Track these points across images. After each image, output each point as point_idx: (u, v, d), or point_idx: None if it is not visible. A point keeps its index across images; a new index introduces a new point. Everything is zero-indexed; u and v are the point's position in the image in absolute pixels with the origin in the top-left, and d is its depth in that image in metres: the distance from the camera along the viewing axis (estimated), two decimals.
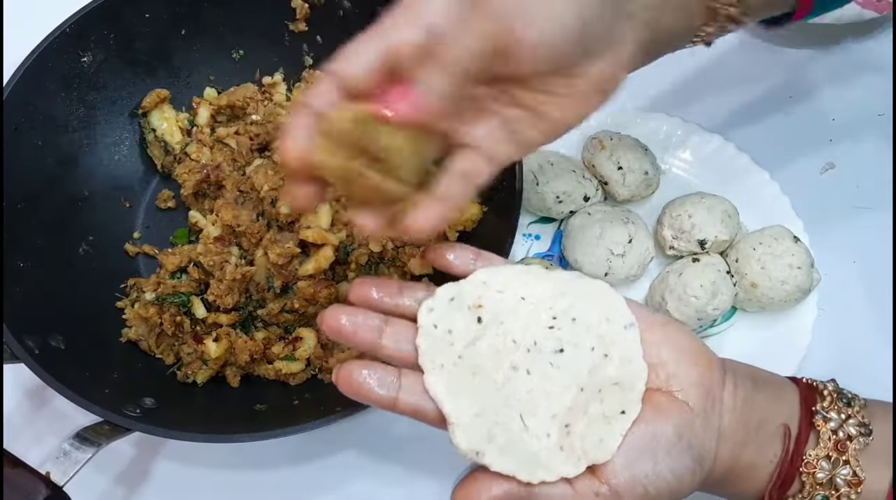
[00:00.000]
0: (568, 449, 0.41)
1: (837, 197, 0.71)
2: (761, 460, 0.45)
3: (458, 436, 0.41)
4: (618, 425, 0.42)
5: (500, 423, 0.42)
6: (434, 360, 0.42)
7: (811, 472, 0.44)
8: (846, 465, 0.44)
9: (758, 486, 0.45)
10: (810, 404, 0.45)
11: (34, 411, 0.64)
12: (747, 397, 0.45)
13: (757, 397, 0.45)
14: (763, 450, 0.45)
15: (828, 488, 0.44)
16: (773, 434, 0.45)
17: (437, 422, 0.42)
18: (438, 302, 0.44)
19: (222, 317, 0.64)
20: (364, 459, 0.63)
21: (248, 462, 0.63)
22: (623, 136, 0.68)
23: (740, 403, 0.45)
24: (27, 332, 0.56)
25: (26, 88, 0.62)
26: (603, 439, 0.41)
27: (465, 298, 0.44)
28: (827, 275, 0.66)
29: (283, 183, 0.64)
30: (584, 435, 0.42)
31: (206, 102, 0.72)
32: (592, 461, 0.41)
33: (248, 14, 0.71)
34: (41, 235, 0.63)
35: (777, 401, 0.46)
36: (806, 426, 0.45)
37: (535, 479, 0.41)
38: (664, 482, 0.41)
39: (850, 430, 0.44)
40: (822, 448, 0.44)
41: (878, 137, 0.74)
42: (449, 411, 0.41)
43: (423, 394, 0.42)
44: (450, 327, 0.43)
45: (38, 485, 0.49)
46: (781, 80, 0.76)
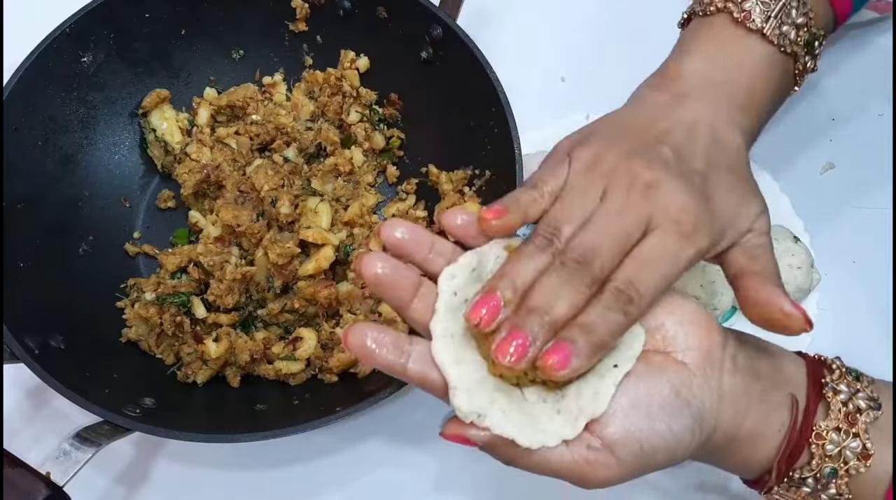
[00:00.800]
0: (565, 411, 0.41)
1: (837, 197, 0.71)
2: (767, 428, 0.44)
3: (460, 398, 0.40)
4: (609, 377, 0.41)
5: (501, 389, 0.41)
6: (446, 328, 0.42)
7: (821, 443, 0.43)
8: (856, 438, 0.43)
9: (764, 456, 0.44)
10: (819, 376, 0.45)
11: (34, 411, 0.64)
12: (750, 364, 0.44)
13: (760, 364, 0.45)
14: (769, 418, 0.44)
15: (837, 460, 0.43)
16: (779, 404, 0.44)
17: (443, 392, 0.41)
18: (461, 270, 0.43)
19: (222, 317, 0.64)
20: (364, 459, 0.63)
21: (248, 462, 0.63)
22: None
23: (742, 368, 0.44)
24: (27, 332, 0.56)
25: (26, 88, 0.62)
26: (597, 391, 0.41)
27: (484, 270, 0.44)
28: (827, 275, 0.66)
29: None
30: (579, 393, 0.41)
31: (206, 102, 0.72)
32: (589, 416, 0.41)
33: (248, 14, 0.71)
34: (41, 235, 0.63)
35: (782, 370, 0.45)
36: (815, 397, 0.44)
37: (536, 444, 0.40)
38: (660, 438, 0.40)
39: (859, 403, 0.44)
40: (833, 420, 0.43)
41: (878, 137, 0.74)
42: (452, 376, 0.41)
43: (431, 362, 0.41)
44: (467, 297, 0.43)
45: (38, 485, 0.49)
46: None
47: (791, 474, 0.44)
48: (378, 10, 0.68)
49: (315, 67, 0.73)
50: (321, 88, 0.71)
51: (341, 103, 0.71)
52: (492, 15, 0.77)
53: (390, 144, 0.72)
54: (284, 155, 0.70)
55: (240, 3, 0.70)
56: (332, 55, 0.72)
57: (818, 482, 0.43)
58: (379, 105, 0.72)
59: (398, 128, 0.72)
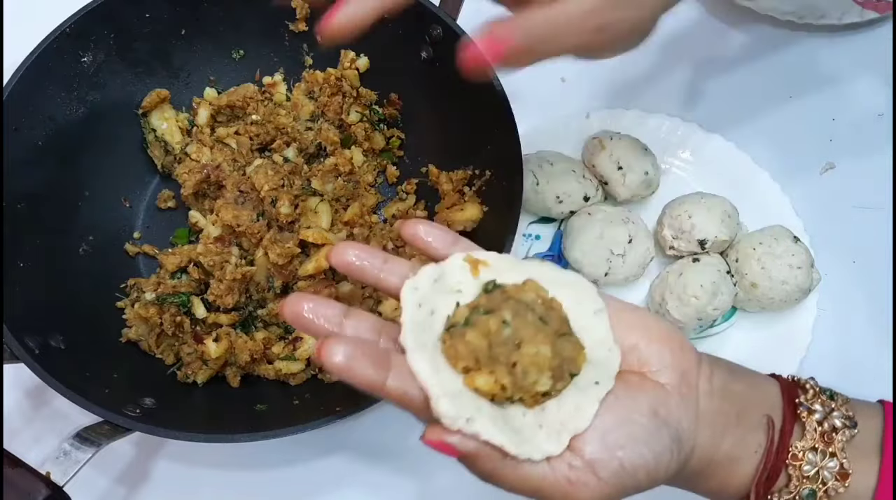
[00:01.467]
0: (547, 426, 0.41)
1: (837, 197, 0.71)
2: (744, 451, 0.43)
3: (444, 404, 0.39)
4: (592, 392, 0.41)
5: (482, 400, 0.41)
6: (417, 338, 0.41)
7: (798, 464, 0.43)
8: (833, 457, 0.43)
9: (740, 480, 0.44)
10: (793, 396, 0.45)
11: (34, 411, 0.64)
12: (725, 385, 0.44)
13: (735, 385, 0.44)
14: (745, 441, 0.44)
15: (815, 481, 0.43)
16: (755, 426, 0.44)
17: (421, 408, 0.40)
18: (422, 281, 0.43)
19: (222, 317, 0.64)
20: (364, 459, 0.63)
21: (248, 462, 0.63)
22: (623, 136, 0.68)
23: (718, 389, 0.44)
24: (27, 332, 0.56)
25: (26, 88, 0.62)
26: (579, 406, 0.41)
27: (447, 280, 0.43)
28: (827, 275, 0.66)
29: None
30: (560, 408, 0.41)
31: (206, 102, 0.72)
32: (573, 432, 0.40)
33: (248, 14, 0.71)
34: (41, 235, 0.63)
35: (757, 392, 0.45)
36: (790, 417, 0.44)
37: (524, 454, 0.39)
38: (640, 458, 0.40)
39: (835, 422, 0.43)
40: (808, 440, 0.43)
41: (878, 137, 0.74)
42: (433, 385, 0.39)
43: (410, 377, 0.39)
44: (433, 308, 0.42)
45: (38, 485, 0.49)
46: (781, 80, 0.76)
47: (769, 497, 0.43)
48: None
49: (315, 67, 0.73)
50: (321, 88, 0.71)
51: (341, 103, 0.71)
52: (492, 15, 0.77)
53: (390, 144, 0.72)
54: (284, 155, 0.70)
55: (240, 3, 0.70)
56: (332, 55, 0.72)
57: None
58: (379, 105, 0.72)
59: (398, 128, 0.72)
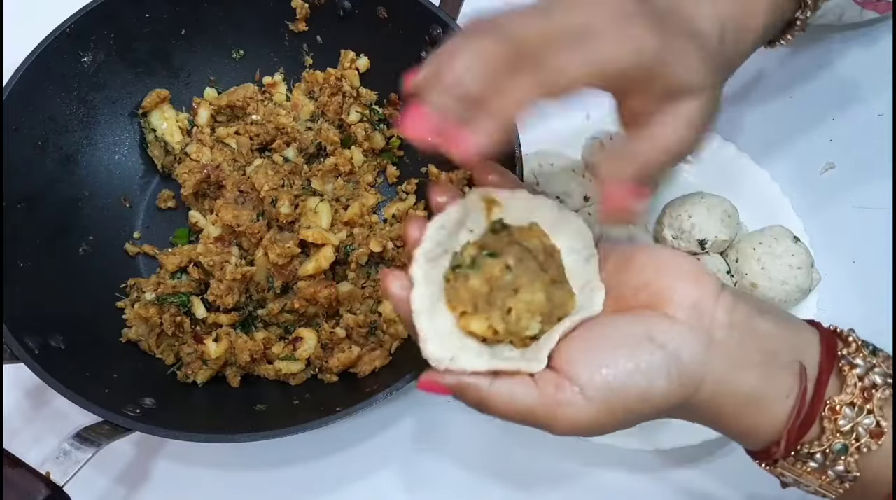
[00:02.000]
0: (529, 353, 0.42)
1: (837, 197, 0.71)
2: (772, 391, 0.42)
3: (431, 346, 0.41)
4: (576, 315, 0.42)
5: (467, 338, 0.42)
6: (427, 274, 0.43)
7: (834, 417, 0.41)
8: (870, 414, 0.41)
9: (770, 424, 0.42)
10: (833, 347, 0.43)
11: (34, 411, 0.64)
12: (749, 321, 0.43)
13: (762, 323, 0.43)
14: (773, 381, 0.42)
15: (848, 436, 0.41)
16: (785, 368, 0.42)
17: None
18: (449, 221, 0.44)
19: (222, 317, 0.64)
20: (364, 459, 0.63)
21: (248, 462, 0.63)
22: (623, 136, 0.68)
23: (739, 323, 0.42)
24: (27, 332, 0.56)
25: (26, 87, 0.62)
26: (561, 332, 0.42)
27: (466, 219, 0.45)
28: (827, 275, 0.66)
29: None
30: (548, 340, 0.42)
31: (206, 102, 0.72)
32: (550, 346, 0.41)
33: (248, 14, 0.71)
34: (41, 235, 0.63)
35: (789, 334, 0.44)
36: (827, 367, 0.42)
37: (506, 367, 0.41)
38: (627, 376, 0.39)
39: (875, 378, 0.42)
40: (847, 394, 0.41)
41: (878, 137, 0.74)
42: (424, 328, 0.41)
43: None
44: (447, 249, 0.44)
45: (38, 485, 0.49)
46: (781, 80, 0.76)
47: (799, 447, 0.42)
48: (378, 10, 0.68)
49: (315, 67, 0.73)
50: (321, 88, 0.71)
51: (341, 103, 0.71)
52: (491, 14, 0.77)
53: (390, 144, 0.72)
54: (284, 155, 0.70)
55: (240, 3, 0.70)
56: (332, 55, 0.72)
57: (826, 457, 0.42)
58: (379, 105, 0.72)
59: (398, 128, 0.72)
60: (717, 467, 0.62)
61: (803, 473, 0.43)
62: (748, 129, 0.73)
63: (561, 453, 0.62)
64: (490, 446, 0.63)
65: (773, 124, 0.74)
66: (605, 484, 0.62)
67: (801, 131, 0.74)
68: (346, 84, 0.71)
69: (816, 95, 0.76)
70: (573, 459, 0.62)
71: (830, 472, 0.42)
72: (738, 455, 0.61)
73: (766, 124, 0.74)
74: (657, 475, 0.62)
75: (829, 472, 0.42)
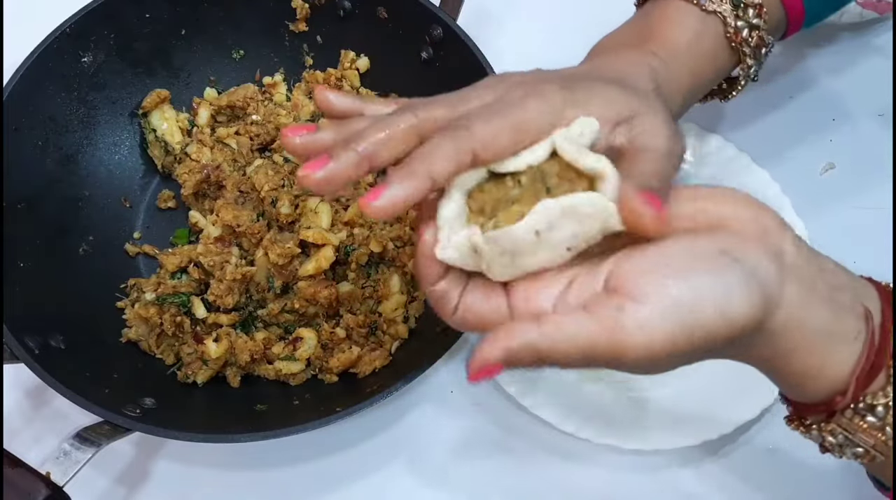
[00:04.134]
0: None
1: (837, 197, 0.71)
2: (842, 328, 0.40)
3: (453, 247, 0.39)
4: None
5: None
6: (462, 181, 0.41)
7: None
8: None
9: (840, 366, 0.40)
10: (890, 300, 0.42)
11: (34, 411, 0.64)
12: (814, 255, 0.41)
13: (825, 261, 0.41)
14: (842, 318, 0.40)
15: None
16: (851, 309, 0.40)
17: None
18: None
19: (222, 317, 0.64)
20: (364, 459, 0.63)
21: (248, 462, 0.63)
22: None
23: (806, 256, 0.40)
24: (27, 332, 0.56)
25: (26, 87, 0.62)
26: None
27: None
28: None
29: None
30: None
31: (206, 102, 0.72)
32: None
33: (248, 14, 0.71)
34: (41, 235, 0.63)
35: (851, 279, 0.42)
36: (889, 317, 0.41)
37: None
38: (708, 290, 0.36)
39: None
40: None
41: (878, 138, 0.74)
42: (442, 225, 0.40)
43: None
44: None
45: (38, 485, 0.49)
46: (781, 80, 0.76)
47: (861, 399, 0.40)
48: (378, 10, 0.68)
49: (315, 67, 0.73)
50: None
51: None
52: (492, 15, 0.77)
53: None
54: (285, 155, 0.70)
55: (240, 3, 0.70)
56: (332, 55, 0.72)
57: (888, 410, 0.40)
58: None
59: None
60: (717, 467, 0.62)
61: (859, 429, 0.41)
62: (748, 129, 0.73)
63: (561, 452, 0.62)
64: (491, 445, 0.63)
65: (773, 124, 0.74)
66: (605, 484, 0.61)
67: (801, 131, 0.74)
68: (346, 84, 0.71)
69: (816, 94, 0.76)
70: (573, 458, 0.62)
71: (889, 428, 0.40)
72: (739, 456, 0.62)
73: (766, 124, 0.74)
74: (657, 476, 0.62)
75: (888, 428, 0.40)
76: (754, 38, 0.55)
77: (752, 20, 0.54)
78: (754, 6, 0.54)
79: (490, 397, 0.64)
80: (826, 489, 0.60)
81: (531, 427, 0.62)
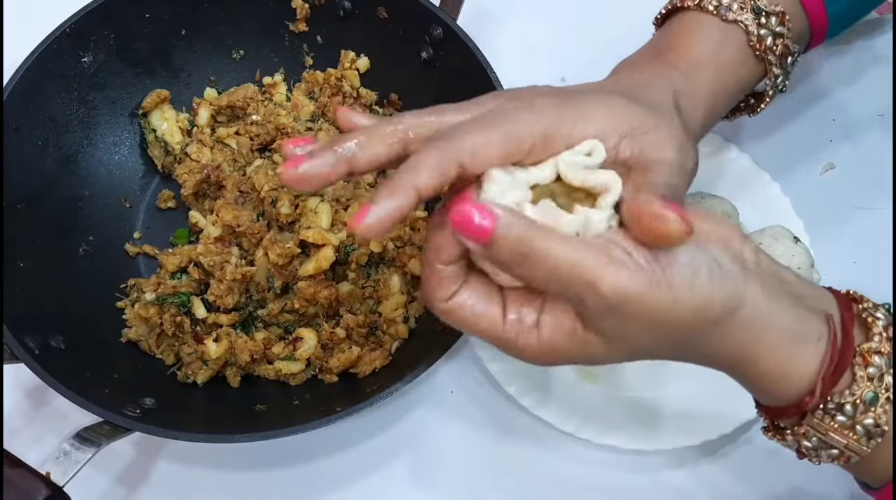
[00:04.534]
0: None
1: (837, 197, 0.71)
2: (806, 330, 0.41)
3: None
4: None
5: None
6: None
7: (865, 364, 0.41)
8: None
9: (806, 366, 0.41)
10: (850, 305, 0.43)
11: (34, 411, 0.64)
12: (773, 266, 0.42)
13: (785, 272, 0.43)
14: (803, 320, 0.41)
15: (879, 385, 0.41)
16: (812, 311, 0.42)
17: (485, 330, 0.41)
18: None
19: (222, 317, 0.64)
20: (364, 460, 0.63)
21: (248, 462, 0.63)
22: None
23: (765, 265, 0.42)
24: (27, 332, 0.56)
25: (26, 87, 0.62)
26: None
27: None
28: (827, 275, 0.66)
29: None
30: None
31: (206, 102, 0.72)
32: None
33: (248, 14, 0.71)
34: (41, 235, 0.63)
35: (811, 287, 0.44)
36: (849, 319, 0.42)
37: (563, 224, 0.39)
38: (681, 257, 0.38)
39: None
40: (875, 343, 0.41)
41: (878, 138, 0.74)
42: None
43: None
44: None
45: (38, 485, 0.49)
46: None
47: (829, 398, 0.41)
48: (378, 10, 0.68)
49: (315, 67, 0.73)
50: (321, 89, 0.71)
51: (341, 104, 0.71)
52: (492, 15, 0.77)
53: None
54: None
55: (240, 3, 0.70)
56: (332, 55, 0.72)
57: (857, 409, 0.41)
58: (379, 105, 0.72)
59: None
60: (717, 467, 0.62)
61: (830, 429, 0.42)
62: (748, 129, 0.73)
63: (561, 452, 0.62)
64: (490, 445, 0.63)
65: (773, 124, 0.74)
66: (605, 484, 0.61)
67: (801, 131, 0.74)
68: (346, 84, 0.71)
69: (816, 95, 0.76)
70: (573, 458, 0.62)
71: (859, 427, 0.41)
72: (738, 456, 0.62)
73: (766, 125, 0.74)
74: (657, 476, 0.62)
75: (858, 427, 0.41)
76: (779, 46, 0.54)
77: (775, 28, 0.53)
78: (777, 14, 0.54)
79: (490, 397, 0.64)
80: (826, 489, 0.60)
81: (531, 427, 0.62)
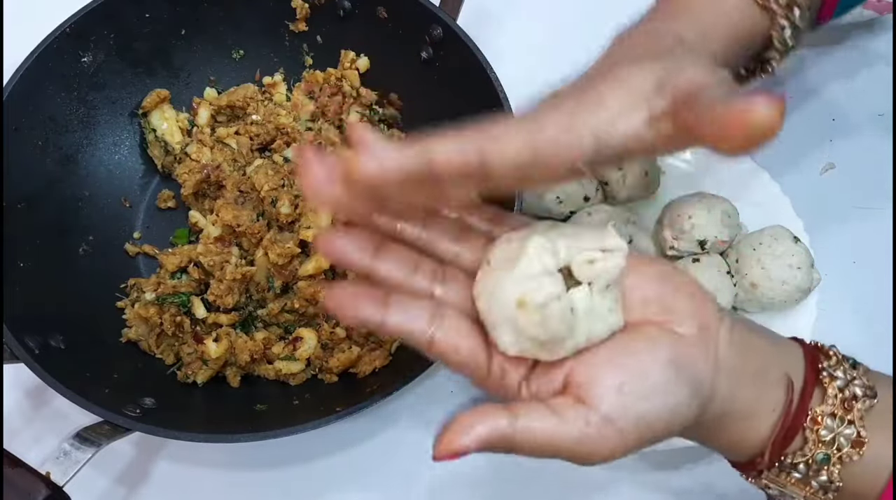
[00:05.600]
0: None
1: (837, 197, 0.71)
2: (761, 407, 0.43)
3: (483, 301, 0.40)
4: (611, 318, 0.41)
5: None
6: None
7: (816, 428, 0.42)
8: (851, 425, 0.42)
9: (756, 436, 0.43)
10: (815, 360, 0.44)
11: (34, 411, 0.64)
12: (745, 339, 0.43)
13: (755, 340, 0.44)
14: (763, 397, 0.43)
15: (830, 446, 0.42)
16: (774, 383, 0.43)
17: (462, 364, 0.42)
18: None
19: (222, 317, 0.64)
20: (364, 460, 0.63)
21: (248, 462, 0.63)
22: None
23: (738, 343, 0.42)
24: (27, 332, 0.56)
25: (26, 87, 0.62)
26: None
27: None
28: (827, 275, 0.66)
29: None
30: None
31: (206, 102, 0.72)
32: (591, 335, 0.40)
33: (248, 14, 0.71)
34: (41, 235, 0.63)
35: (778, 351, 0.44)
36: (811, 380, 0.43)
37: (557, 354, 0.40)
38: (659, 408, 0.39)
39: (856, 390, 0.43)
40: (829, 405, 0.42)
41: (878, 138, 0.74)
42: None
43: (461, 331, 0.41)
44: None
45: (38, 485, 0.49)
46: (781, 80, 0.76)
47: (783, 458, 0.43)
48: (378, 10, 0.68)
49: (315, 67, 0.73)
50: (321, 88, 0.71)
51: (341, 103, 0.71)
52: (492, 15, 0.77)
53: None
54: (284, 155, 0.70)
55: (240, 3, 0.70)
56: (332, 55, 0.72)
57: (809, 468, 0.43)
58: (379, 105, 0.72)
59: (398, 128, 0.72)
60: (717, 467, 0.62)
61: (787, 483, 0.44)
62: None
63: None
64: None
65: None
66: (605, 484, 0.62)
67: (801, 131, 0.74)
68: (346, 84, 0.71)
69: (816, 95, 0.76)
70: None
71: (814, 482, 0.43)
72: None
73: None
74: (657, 476, 0.62)
75: (813, 482, 0.43)
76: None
77: None
78: None
79: (490, 397, 0.64)
80: None
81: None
